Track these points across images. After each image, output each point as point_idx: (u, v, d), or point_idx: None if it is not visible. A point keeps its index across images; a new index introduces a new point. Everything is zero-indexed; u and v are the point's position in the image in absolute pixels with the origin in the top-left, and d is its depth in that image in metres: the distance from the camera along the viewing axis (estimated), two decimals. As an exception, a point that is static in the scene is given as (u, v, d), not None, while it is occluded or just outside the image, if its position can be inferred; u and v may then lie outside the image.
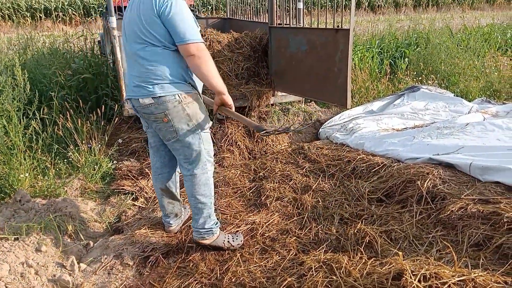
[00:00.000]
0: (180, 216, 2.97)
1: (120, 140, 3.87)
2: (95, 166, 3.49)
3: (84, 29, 6.12)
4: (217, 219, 2.76)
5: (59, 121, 3.54)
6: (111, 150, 3.73)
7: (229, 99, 2.48)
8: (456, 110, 4.79)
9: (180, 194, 2.97)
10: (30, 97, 3.47)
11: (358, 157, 3.78)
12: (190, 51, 2.23)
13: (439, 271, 2.06)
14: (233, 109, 2.51)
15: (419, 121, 4.59)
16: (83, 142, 3.53)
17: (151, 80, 2.30)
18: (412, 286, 1.96)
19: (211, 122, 2.58)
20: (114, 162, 3.67)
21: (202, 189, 2.58)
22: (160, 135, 2.53)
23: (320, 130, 4.85)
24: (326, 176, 3.70)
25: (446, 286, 1.97)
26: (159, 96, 2.30)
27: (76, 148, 3.52)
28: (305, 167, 3.91)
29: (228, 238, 2.74)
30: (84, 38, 5.78)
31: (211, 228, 2.66)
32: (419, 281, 2.00)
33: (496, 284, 1.97)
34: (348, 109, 4.87)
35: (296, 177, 3.70)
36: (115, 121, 3.83)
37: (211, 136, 2.62)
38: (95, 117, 3.75)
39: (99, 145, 3.62)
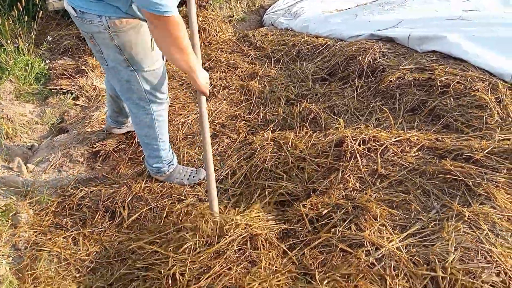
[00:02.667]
0: (125, 125, 2.71)
1: (49, 38, 3.56)
2: (27, 67, 3.25)
3: None
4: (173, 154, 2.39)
5: (-24, 20, 3.18)
6: (41, 49, 3.45)
7: (202, 87, 1.88)
8: (398, -14, 4.74)
9: None
10: None
11: (303, 39, 3.76)
12: (151, 20, 1.62)
13: (377, 134, 2.21)
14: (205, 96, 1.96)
15: (363, 0, 4.53)
16: (8, 41, 3.22)
17: None
18: (352, 149, 2.11)
19: (160, 62, 1.98)
20: (47, 61, 3.42)
21: (145, 130, 2.16)
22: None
23: (265, 16, 4.71)
24: (272, 62, 3.69)
25: (383, 146, 2.13)
26: (82, 12, 1.73)
27: (2, 49, 3.22)
28: (250, 54, 3.85)
29: (184, 175, 2.37)
30: None
31: (160, 168, 2.31)
32: (358, 144, 2.15)
33: (428, 141, 2.16)
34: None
35: (242, 65, 3.66)
36: (40, 17, 3.48)
37: (163, 71, 2.04)
38: (16, 13, 3.38)
39: (27, 44, 3.33)
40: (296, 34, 4.02)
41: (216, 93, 3.26)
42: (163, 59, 2.02)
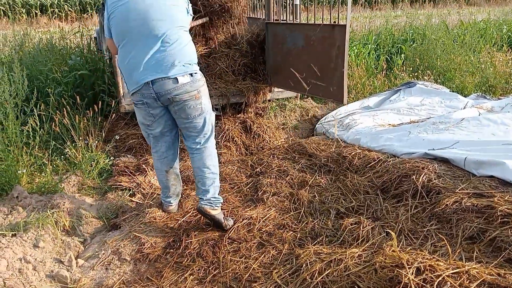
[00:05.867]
0: (180, 195, 3.16)
1: (117, 137, 3.87)
2: (92, 162, 3.49)
3: (80, 25, 6.10)
4: None
5: (56, 117, 3.54)
6: (108, 146, 3.73)
7: None
8: (451, 105, 4.81)
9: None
10: (27, 93, 3.47)
11: (354, 152, 3.80)
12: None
13: (434, 263, 2.09)
14: None
15: (415, 117, 4.61)
16: (80, 138, 3.53)
17: (185, 59, 2.54)
18: (407, 278, 1.99)
19: None
20: (111, 158, 3.67)
21: (214, 160, 2.85)
22: (183, 114, 2.67)
23: (317, 125, 4.87)
24: (322, 172, 3.72)
25: (440, 278, 2.00)
26: (196, 73, 2.58)
27: (73, 144, 3.52)
28: (301, 162, 3.92)
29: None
30: (80, 35, 5.76)
31: (220, 198, 2.89)
32: (413, 273, 2.03)
33: (489, 276, 2.00)
34: (345, 105, 4.89)
35: (293, 173, 3.71)
36: (112, 117, 3.83)
37: None
38: (91, 113, 3.75)
39: (96, 141, 3.62)
40: (347, 146, 4.08)
41: (265, 199, 3.29)
42: None
